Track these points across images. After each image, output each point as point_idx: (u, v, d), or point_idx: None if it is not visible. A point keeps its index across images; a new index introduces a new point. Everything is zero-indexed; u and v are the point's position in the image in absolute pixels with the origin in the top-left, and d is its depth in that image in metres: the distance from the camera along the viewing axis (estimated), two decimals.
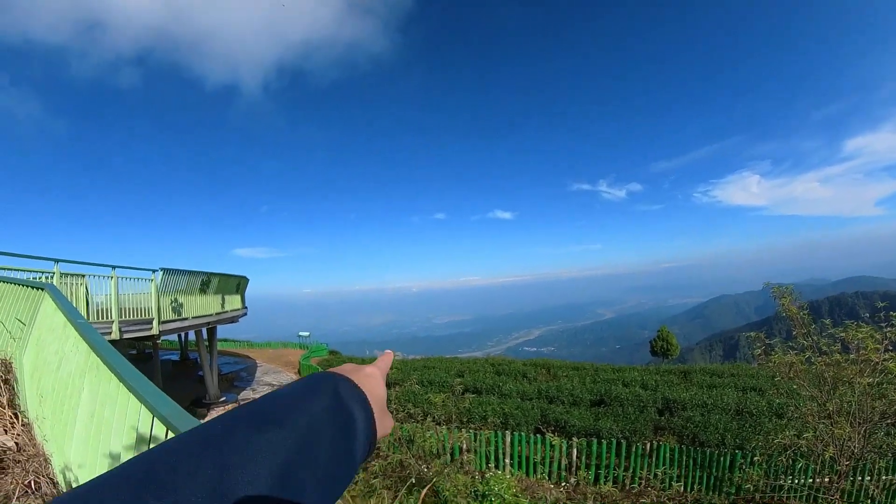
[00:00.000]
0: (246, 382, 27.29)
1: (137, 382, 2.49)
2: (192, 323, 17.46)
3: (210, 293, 19.08)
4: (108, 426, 2.77)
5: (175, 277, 16.16)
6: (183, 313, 16.56)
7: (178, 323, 16.21)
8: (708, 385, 18.33)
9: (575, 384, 18.50)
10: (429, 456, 9.99)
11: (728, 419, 13.75)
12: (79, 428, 3.23)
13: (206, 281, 18.46)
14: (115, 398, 2.74)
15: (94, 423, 3.01)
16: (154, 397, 2.27)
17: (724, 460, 10.83)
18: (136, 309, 14.01)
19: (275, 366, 33.44)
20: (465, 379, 18.61)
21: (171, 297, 15.95)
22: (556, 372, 21.50)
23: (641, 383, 18.87)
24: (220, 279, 19.97)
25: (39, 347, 5.11)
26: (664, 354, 54.47)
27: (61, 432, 3.65)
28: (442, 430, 11.08)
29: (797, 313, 9.74)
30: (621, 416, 14.28)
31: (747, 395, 16.45)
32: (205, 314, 18.57)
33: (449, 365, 23.05)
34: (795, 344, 9.78)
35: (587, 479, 11.05)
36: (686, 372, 21.10)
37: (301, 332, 43.66)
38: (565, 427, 13.69)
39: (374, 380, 0.55)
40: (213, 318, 19.33)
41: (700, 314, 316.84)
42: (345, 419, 0.49)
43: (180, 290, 16.61)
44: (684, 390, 17.05)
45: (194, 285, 17.73)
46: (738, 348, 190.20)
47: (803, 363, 9.24)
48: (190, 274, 17.22)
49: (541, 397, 17.04)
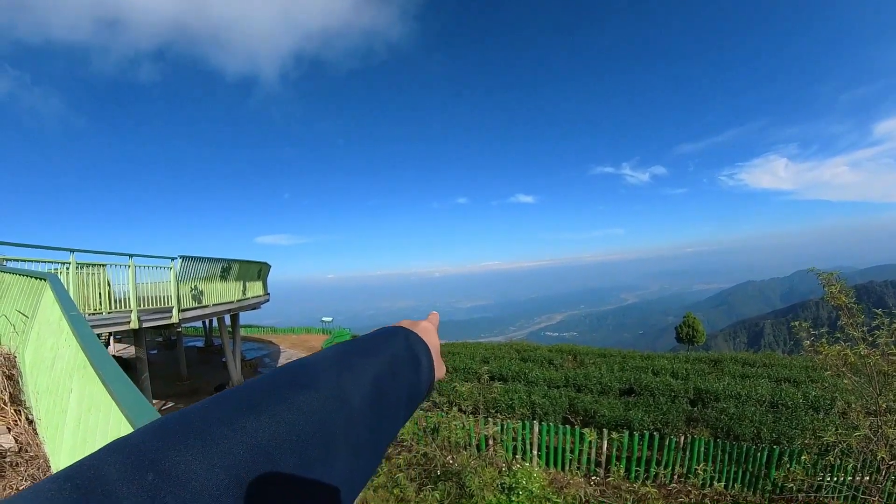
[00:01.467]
0: (269, 368, 27.27)
1: (119, 387, 2.12)
2: (213, 310, 17.19)
3: (231, 280, 18.87)
4: (93, 435, 2.42)
5: (194, 265, 15.89)
6: (203, 301, 16.30)
7: (199, 311, 15.92)
8: (740, 375, 17.51)
9: (603, 372, 17.90)
10: (454, 447, 9.60)
11: (763, 412, 13.02)
12: (67, 434, 2.88)
13: (227, 268, 18.21)
14: (99, 404, 2.41)
15: (80, 431, 2.67)
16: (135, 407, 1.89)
17: (761, 456, 10.20)
18: (155, 297, 13.98)
19: (298, 351, 33.46)
20: (491, 366, 18.14)
21: (191, 284, 15.70)
22: (582, 359, 20.91)
23: (671, 372, 18.16)
24: (240, 266, 19.75)
25: (39, 342, 4.79)
26: (690, 341, 53.50)
27: (52, 436, 3.30)
28: (468, 421, 10.68)
29: (846, 302, 9.16)
30: (652, 406, 13.63)
31: (781, 386, 15.62)
32: (225, 301, 18.33)
33: (473, 351, 22.53)
34: (841, 335, 9.14)
35: (619, 474, 10.57)
36: (716, 360, 20.27)
37: (324, 318, 43.68)
38: (595, 417, 13.15)
39: (430, 333, 0.67)
40: (235, 305, 19.14)
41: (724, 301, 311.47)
42: (414, 360, 0.57)
43: (200, 277, 16.38)
44: (716, 380, 16.26)
45: (214, 272, 17.49)
46: (763, 336, 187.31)
47: (858, 356, 8.51)
48: (209, 261, 17.00)
49: (568, 385, 16.49)
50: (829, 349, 8.90)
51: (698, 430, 12.19)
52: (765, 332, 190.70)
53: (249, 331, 41.44)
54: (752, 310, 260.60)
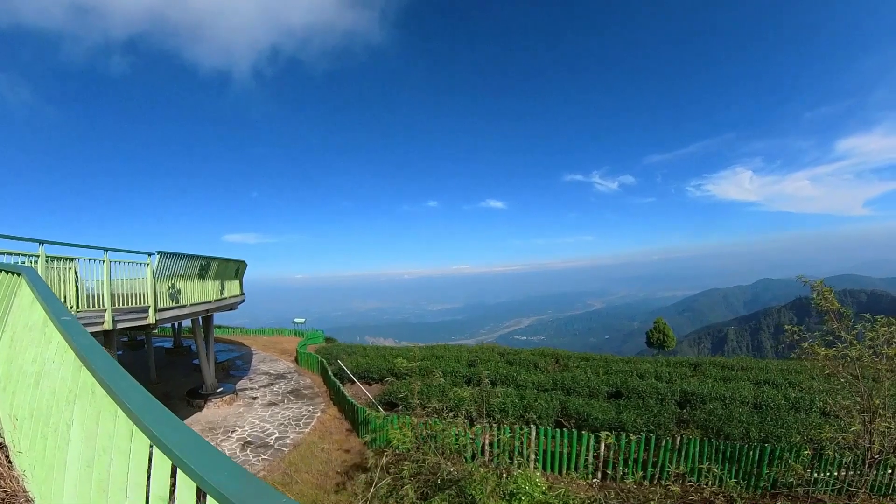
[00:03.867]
0: (242, 371, 26.51)
1: (164, 427, 1.54)
2: (191, 311, 16.40)
3: (209, 279, 18.07)
4: (117, 486, 1.80)
5: (173, 262, 15.09)
6: (181, 300, 15.49)
7: (176, 311, 15.10)
8: (721, 378, 18.20)
9: (589, 375, 18.17)
10: (452, 454, 9.31)
11: (749, 412, 13.73)
12: (71, 476, 2.21)
13: (205, 265, 17.43)
14: (122, 447, 1.81)
15: (93, 477, 2.00)
16: (199, 458, 1.33)
17: (753, 454, 10.83)
18: (130, 296, 12.92)
19: (270, 353, 32.69)
20: (477, 369, 17.97)
21: (169, 282, 14.83)
22: (566, 362, 21.00)
23: (655, 375, 18.63)
24: (219, 264, 18.98)
25: (13, 351, 3.86)
26: (661, 346, 54.29)
27: (46, 475, 2.57)
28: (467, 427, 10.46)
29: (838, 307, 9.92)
30: (643, 409, 14.03)
31: (762, 388, 16.48)
32: (203, 301, 17.54)
33: (457, 354, 22.31)
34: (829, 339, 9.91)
35: (616, 475, 10.89)
36: (696, 364, 20.93)
37: (296, 319, 42.77)
38: (587, 420, 13.34)
39: None
40: (213, 305, 18.36)
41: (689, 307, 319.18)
42: None
43: (178, 275, 15.56)
44: (699, 383, 16.88)
45: (192, 270, 16.68)
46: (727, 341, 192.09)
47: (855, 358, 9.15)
48: (188, 258, 16.16)
49: (556, 389, 16.69)
50: (826, 351, 9.54)
51: (689, 431, 12.63)
52: (728, 337, 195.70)
53: (219, 331, 40.27)
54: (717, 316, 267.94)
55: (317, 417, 17.55)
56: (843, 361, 9.29)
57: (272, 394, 21.37)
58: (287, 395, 21.01)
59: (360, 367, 21.26)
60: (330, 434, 15.48)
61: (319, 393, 21.18)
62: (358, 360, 21.96)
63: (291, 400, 20.26)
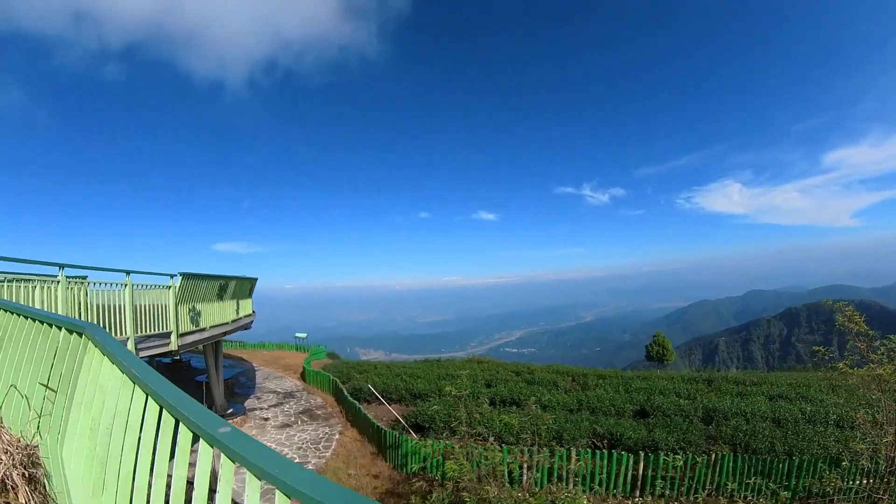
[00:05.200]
0: (247, 389, 25.94)
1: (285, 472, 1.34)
2: (210, 334, 15.71)
3: (227, 299, 17.63)
4: None
5: (194, 283, 14.49)
6: (201, 323, 14.94)
7: (198, 335, 14.49)
8: (737, 393, 18.60)
9: (610, 393, 18.37)
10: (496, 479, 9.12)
11: (771, 427, 14.24)
12: None
13: (224, 285, 17.06)
14: None
15: None
16: None
17: (782, 467, 11.31)
18: (150, 320, 12.12)
19: (273, 369, 32.07)
20: (499, 389, 17.85)
21: (189, 305, 14.29)
22: (584, 380, 20.85)
23: (674, 392, 18.88)
24: (236, 283, 18.52)
25: (90, 429, 2.83)
26: (660, 359, 54.27)
27: None
28: (515, 453, 10.37)
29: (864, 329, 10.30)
30: (671, 426, 14.34)
31: (777, 402, 16.98)
32: (222, 322, 17.12)
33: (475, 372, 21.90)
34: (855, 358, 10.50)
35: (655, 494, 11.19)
36: (710, 380, 21.24)
37: (298, 334, 42.22)
38: (620, 440, 13.56)
39: None
40: (230, 326, 17.96)
41: (680, 318, 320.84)
42: None
43: (198, 297, 15.05)
44: (719, 399, 17.25)
45: (212, 291, 16.30)
46: (718, 353, 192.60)
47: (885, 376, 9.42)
48: (210, 279, 15.83)
49: (582, 408, 16.80)
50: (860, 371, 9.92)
51: (718, 447, 12.98)
52: (719, 349, 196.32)
53: None
54: (707, 327, 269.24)
55: (336, 440, 17.11)
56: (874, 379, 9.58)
57: (284, 414, 20.88)
58: (300, 416, 20.53)
59: (375, 386, 20.94)
60: (354, 458, 15.02)
61: (333, 413, 20.70)
62: (373, 380, 21.67)
63: (305, 421, 19.80)
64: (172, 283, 13.05)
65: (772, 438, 13.24)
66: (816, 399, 17.37)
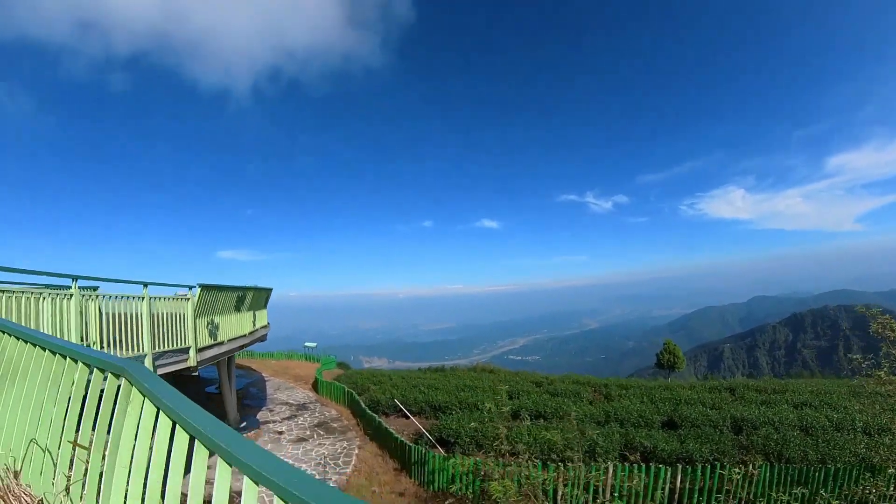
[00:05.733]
0: (258, 401, 25.43)
1: None
2: (228, 347, 15.06)
3: (244, 310, 17.14)
4: None
5: (213, 295, 13.80)
6: (219, 336, 14.28)
7: (216, 349, 13.87)
8: (761, 402, 18.45)
9: (636, 404, 18.16)
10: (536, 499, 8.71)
11: (801, 435, 14.22)
12: None
13: (242, 297, 16.57)
14: None
15: None
16: None
17: (818, 475, 11.12)
18: (167, 334, 11.21)
19: (284, 380, 31.43)
20: (522, 401, 17.53)
21: (208, 318, 13.60)
22: (606, 391, 20.47)
23: (699, 401, 18.59)
24: (253, 294, 18.01)
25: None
26: (671, 367, 53.77)
27: None
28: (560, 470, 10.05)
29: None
30: (703, 437, 14.17)
31: (803, 410, 16.89)
32: (239, 335, 16.56)
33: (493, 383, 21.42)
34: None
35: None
36: (731, 388, 21.11)
37: (307, 343, 41.73)
38: (654, 452, 13.38)
39: None
40: (248, 339, 17.48)
41: (684, 325, 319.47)
42: None
43: (217, 309, 14.42)
44: (746, 408, 17.13)
45: (230, 303, 15.79)
46: (723, 359, 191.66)
47: None
48: (228, 290, 15.34)
49: (610, 421, 16.52)
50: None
51: (751, 457, 12.83)
52: (724, 355, 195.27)
53: None
54: (712, 334, 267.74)
55: (355, 455, 16.60)
56: None
57: (298, 427, 20.37)
58: (315, 430, 20.03)
59: (393, 398, 20.35)
60: (376, 475, 14.52)
61: (350, 426, 20.20)
62: (391, 391, 21.21)
63: (322, 435, 19.29)
64: (191, 295, 12.45)
65: (803, 447, 13.20)
66: (840, 406, 17.39)
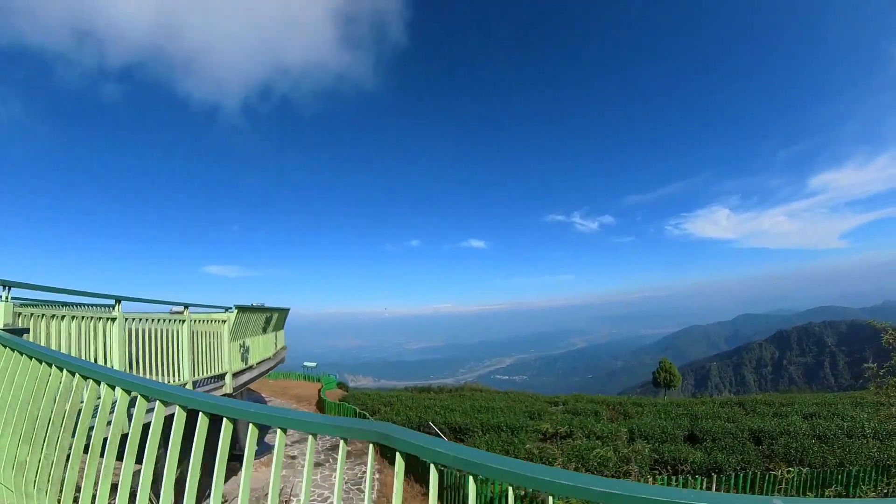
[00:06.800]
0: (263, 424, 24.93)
1: None
2: (259, 371, 14.47)
3: (269, 331, 16.83)
4: None
5: (247, 317, 13.30)
6: (249, 360, 13.65)
7: (248, 374, 13.31)
8: (773, 414, 19.43)
9: (656, 421, 18.77)
10: None
11: (817, 443, 15.19)
12: None
13: (269, 318, 16.13)
14: None
15: None
16: None
17: (841, 478, 12.21)
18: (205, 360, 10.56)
19: (285, 400, 30.71)
20: (544, 420, 17.54)
21: (240, 341, 13.00)
22: (623, 409, 20.73)
23: (715, 416, 19.36)
24: (278, 314, 17.55)
25: None
26: (667, 385, 54.18)
27: None
28: None
29: None
30: (729, 448, 15.03)
31: (813, 420, 17.85)
32: (265, 357, 15.92)
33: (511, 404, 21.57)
34: None
35: None
36: (741, 403, 22.16)
37: (306, 363, 41.12)
38: (685, 464, 14.05)
39: None
40: (273, 361, 16.89)
41: (671, 344, 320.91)
42: None
43: (249, 331, 13.77)
44: (760, 420, 18.09)
45: (259, 324, 15.27)
46: (710, 377, 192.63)
47: None
48: (259, 311, 14.90)
49: (635, 437, 16.90)
50: None
51: (775, 464, 13.73)
52: (711, 373, 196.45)
53: None
54: (699, 352, 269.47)
55: (377, 479, 16.41)
56: None
57: None
58: (330, 453, 19.64)
59: (410, 421, 20.17)
60: (405, 500, 14.38)
61: (364, 449, 19.88)
62: (407, 414, 20.87)
63: (337, 459, 18.98)
64: (227, 318, 11.79)
65: (821, 453, 14.23)
66: (846, 415, 18.44)
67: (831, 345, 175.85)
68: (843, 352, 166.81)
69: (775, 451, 14.85)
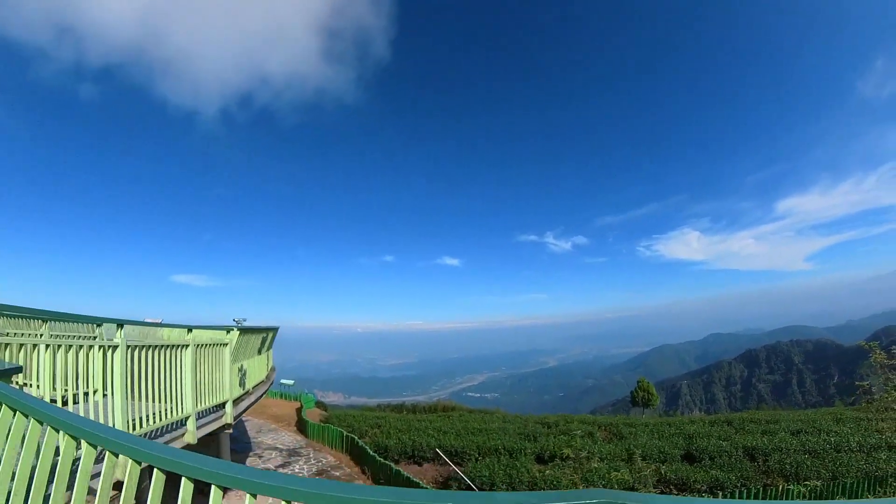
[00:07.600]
0: (243, 445, 23.66)
1: None
2: (256, 396, 13.45)
3: (264, 352, 16.14)
4: None
5: (247, 338, 12.21)
6: (246, 384, 12.44)
7: (246, 400, 12.22)
8: (762, 432, 19.88)
9: (651, 440, 19.18)
10: None
11: (809, 458, 15.81)
12: None
13: (265, 338, 15.47)
14: None
15: None
16: None
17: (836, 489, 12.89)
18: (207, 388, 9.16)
19: (264, 420, 29.26)
20: (541, 443, 17.74)
21: (239, 364, 11.77)
22: (616, 430, 20.87)
23: (706, 435, 19.73)
24: (272, 334, 16.85)
25: None
26: (646, 404, 54.57)
27: None
28: None
29: None
30: (727, 466, 15.58)
31: (802, 437, 18.47)
32: (259, 381, 14.95)
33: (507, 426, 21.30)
34: None
35: None
36: (729, 421, 22.68)
37: (284, 380, 39.86)
38: (687, 483, 14.29)
39: None
40: (266, 384, 16.07)
41: (642, 363, 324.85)
42: None
43: (246, 353, 12.66)
44: (752, 437, 18.61)
45: (256, 345, 14.36)
46: (681, 395, 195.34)
47: None
48: (257, 332, 14.01)
49: (634, 457, 17.12)
50: None
51: (773, 480, 14.43)
52: (682, 392, 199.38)
53: None
54: (669, 371, 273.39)
55: None
56: None
57: None
58: None
59: (402, 443, 19.63)
60: None
61: (354, 475, 18.99)
62: (400, 437, 20.31)
63: None
64: (230, 340, 10.55)
65: (815, 468, 14.86)
66: (831, 431, 19.11)
67: (798, 363, 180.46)
68: (809, 369, 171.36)
69: (771, 467, 15.50)
